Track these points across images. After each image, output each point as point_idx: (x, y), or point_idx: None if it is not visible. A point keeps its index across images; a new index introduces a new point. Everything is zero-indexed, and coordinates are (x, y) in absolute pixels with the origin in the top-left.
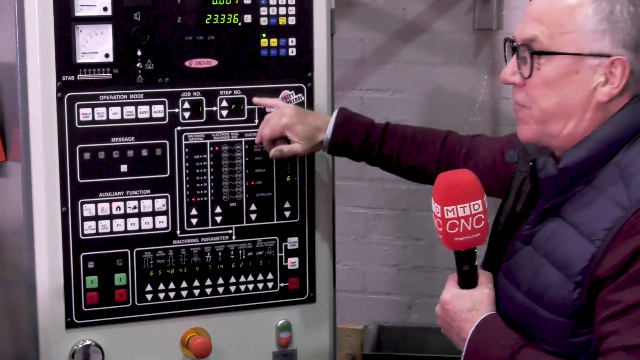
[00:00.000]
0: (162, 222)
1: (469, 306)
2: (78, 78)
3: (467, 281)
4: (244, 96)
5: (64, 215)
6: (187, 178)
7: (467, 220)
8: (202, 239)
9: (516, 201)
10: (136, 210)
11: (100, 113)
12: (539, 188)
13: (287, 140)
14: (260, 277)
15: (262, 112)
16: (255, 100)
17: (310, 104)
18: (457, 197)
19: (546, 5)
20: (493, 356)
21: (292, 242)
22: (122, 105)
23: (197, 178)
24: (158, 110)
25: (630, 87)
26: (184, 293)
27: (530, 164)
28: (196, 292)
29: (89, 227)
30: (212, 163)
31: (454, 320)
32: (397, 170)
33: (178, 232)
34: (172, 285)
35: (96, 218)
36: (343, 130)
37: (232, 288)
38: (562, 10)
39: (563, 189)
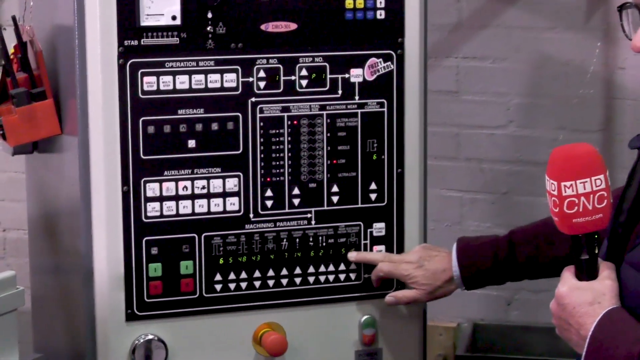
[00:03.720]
0: (233, 204)
1: (590, 299)
2: (142, 43)
3: (587, 272)
4: (326, 64)
5: (125, 195)
6: (262, 155)
7: (587, 197)
8: (278, 224)
9: None
10: (205, 191)
11: (166, 82)
12: None
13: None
14: (342, 267)
15: (346, 83)
16: (352, 256)
17: (400, 73)
18: (576, 171)
19: None
20: (620, 353)
21: (378, 228)
22: (190, 73)
23: (273, 155)
24: (230, 80)
25: None
26: (257, 284)
27: None
28: (270, 282)
29: (152, 209)
30: (289, 139)
31: (572, 316)
32: (542, 271)
33: (251, 215)
34: (243, 275)
35: (160, 199)
36: (468, 259)
37: (311, 279)
38: None
39: None
